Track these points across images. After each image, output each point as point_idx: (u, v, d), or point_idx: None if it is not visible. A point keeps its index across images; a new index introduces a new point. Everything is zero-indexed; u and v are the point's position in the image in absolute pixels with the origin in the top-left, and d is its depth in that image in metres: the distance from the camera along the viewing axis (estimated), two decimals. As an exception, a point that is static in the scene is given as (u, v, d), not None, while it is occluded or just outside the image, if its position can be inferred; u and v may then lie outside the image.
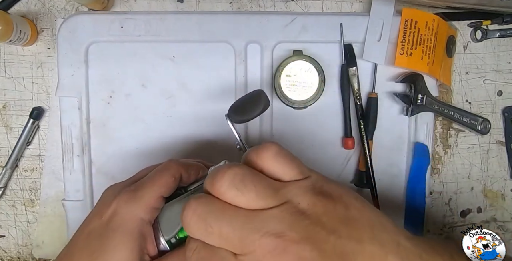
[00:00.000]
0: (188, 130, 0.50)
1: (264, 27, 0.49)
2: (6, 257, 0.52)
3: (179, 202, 0.34)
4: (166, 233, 0.33)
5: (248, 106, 0.36)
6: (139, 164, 0.49)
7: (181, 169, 0.35)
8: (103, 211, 0.32)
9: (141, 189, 0.33)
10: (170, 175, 0.34)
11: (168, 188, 0.34)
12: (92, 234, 0.32)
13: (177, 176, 0.34)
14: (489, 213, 0.57)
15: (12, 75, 0.50)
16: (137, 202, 0.32)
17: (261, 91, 0.37)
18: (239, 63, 0.49)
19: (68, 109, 0.48)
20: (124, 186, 0.35)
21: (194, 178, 0.36)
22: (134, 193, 0.33)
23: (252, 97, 0.37)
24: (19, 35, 0.45)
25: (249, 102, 0.37)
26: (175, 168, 0.35)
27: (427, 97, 0.50)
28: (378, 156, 0.52)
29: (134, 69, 0.49)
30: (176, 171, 0.34)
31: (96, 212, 0.33)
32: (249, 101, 0.37)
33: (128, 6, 0.50)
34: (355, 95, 0.50)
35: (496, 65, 0.54)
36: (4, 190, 0.51)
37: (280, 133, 0.51)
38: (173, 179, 0.34)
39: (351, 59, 0.49)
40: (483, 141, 0.55)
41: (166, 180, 0.34)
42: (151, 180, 0.34)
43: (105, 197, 0.34)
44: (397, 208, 0.53)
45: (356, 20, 0.50)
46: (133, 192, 0.33)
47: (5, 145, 0.51)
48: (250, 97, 0.37)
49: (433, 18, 0.49)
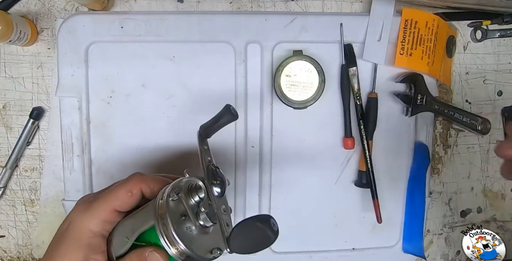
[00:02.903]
0: (187, 130, 0.50)
1: (264, 27, 0.49)
2: (6, 257, 0.52)
3: (130, 218, 0.34)
4: (116, 249, 0.33)
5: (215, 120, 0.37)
6: (139, 164, 0.50)
7: (141, 184, 0.35)
8: (64, 221, 0.34)
9: (96, 201, 0.34)
10: (126, 190, 0.34)
11: (123, 203, 0.34)
12: (53, 242, 0.34)
13: (135, 192, 0.34)
14: (489, 213, 0.57)
15: (12, 75, 0.50)
16: (90, 214, 0.33)
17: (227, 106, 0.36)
18: (239, 63, 0.49)
19: (68, 109, 0.48)
20: (90, 197, 0.36)
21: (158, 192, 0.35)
22: (89, 204, 0.34)
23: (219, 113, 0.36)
24: (19, 35, 0.45)
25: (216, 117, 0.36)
26: (133, 183, 0.35)
27: (427, 97, 0.50)
28: (378, 156, 0.52)
29: (134, 69, 0.49)
30: (134, 186, 0.34)
31: (63, 221, 0.35)
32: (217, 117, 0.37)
33: (128, 6, 0.50)
34: (355, 95, 0.50)
35: (496, 65, 0.54)
36: (4, 190, 0.51)
37: (280, 133, 0.51)
38: (129, 195, 0.34)
39: (351, 59, 0.49)
40: (483, 141, 0.55)
41: (121, 194, 0.34)
42: (107, 193, 0.34)
43: (74, 206, 0.35)
44: (397, 208, 0.53)
45: (356, 20, 0.50)
46: (89, 203, 0.34)
47: (5, 145, 0.51)
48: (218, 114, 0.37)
49: (433, 18, 0.49)
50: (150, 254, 0.32)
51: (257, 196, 0.51)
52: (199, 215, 0.32)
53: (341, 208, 0.53)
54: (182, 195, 0.33)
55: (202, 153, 0.35)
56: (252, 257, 0.52)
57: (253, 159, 0.51)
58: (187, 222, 0.32)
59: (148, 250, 0.32)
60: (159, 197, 0.33)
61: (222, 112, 0.36)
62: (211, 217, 0.32)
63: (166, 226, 0.31)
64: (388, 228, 0.53)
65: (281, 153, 0.51)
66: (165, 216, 0.31)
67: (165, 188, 0.34)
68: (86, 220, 0.33)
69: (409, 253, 0.53)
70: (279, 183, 0.52)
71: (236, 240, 0.30)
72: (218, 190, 0.33)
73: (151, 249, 0.32)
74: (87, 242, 0.32)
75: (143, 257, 0.32)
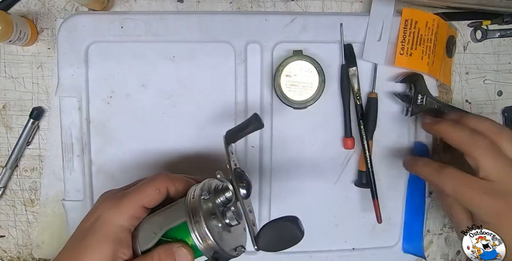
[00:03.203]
0: (188, 130, 0.50)
1: (264, 27, 0.49)
2: (6, 257, 0.52)
3: (157, 215, 0.36)
4: (142, 244, 0.34)
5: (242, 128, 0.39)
6: (139, 164, 0.50)
7: (168, 183, 0.36)
8: (90, 214, 0.35)
9: (125, 197, 0.35)
10: (154, 187, 0.36)
11: (151, 200, 0.36)
12: (78, 235, 0.35)
13: (162, 190, 0.36)
14: (489, 213, 0.56)
15: (12, 75, 0.50)
16: (119, 209, 0.34)
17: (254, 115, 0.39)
18: (239, 63, 0.49)
19: (68, 109, 0.48)
20: (115, 192, 0.37)
21: (182, 192, 0.37)
22: (118, 200, 0.35)
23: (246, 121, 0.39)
24: (19, 35, 0.45)
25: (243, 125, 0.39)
26: (161, 181, 0.36)
27: (427, 97, 0.50)
28: (378, 156, 0.52)
29: (134, 69, 0.49)
30: (161, 184, 0.36)
31: (86, 215, 0.36)
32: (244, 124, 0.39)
33: (128, 6, 0.50)
34: (355, 95, 0.50)
35: (496, 65, 0.54)
36: (4, 190, 0.51)
37: (280, 133, 0.51)
38: (157, 192, 0.36)
39: (351, 59, 0.49)
40: (483, 141, 0.55)
41: (150, 192, 0.36)
42: (136, 190, 0.36)
43: (96, 202, 0.37)
44: (397, 208, 0.53)
45: (356, 20, 0.50)
46: (118, 199, 0.35)
47: (5, 145, 0.51)
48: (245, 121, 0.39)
49: (433, 18, 0.49)
50: (178, 250, 0.33)
51: (257, 196, 0.51)
52: (226, 215, 0.34)
53: (341, 208, 0.53)
54: (211, 195, 0.35)
55: (229, 157, 0.37)
56: (252, 257, 0.52)
57: (253, 159, 0.51)
58: (215, 220, 0.34)
59: (176, 246, 0.33)
60: (190, 196, 0.35)
61: (249, 120, 0.38)
62: (237, 217, 0.34)
63: (198, 222, 0.33)
64: (388, 228, 0.53)
65: (281, 153, 0.51)
66: (198, 213, 0.33)
67: (195, 188, 0.36)
68: (115, 215, 0.34)
69: (409, 253, 0.53)
70: (279, 183, 0.52)
71: (264, 238, 0.32)
72: (244, 192, 0.35)
73: (178, 245, 0.33)
74: (116, 236, 0.33)
75: (170, 252, 0.33)
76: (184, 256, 0.33)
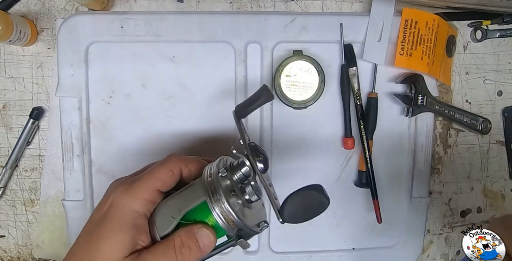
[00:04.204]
0: (188, 130, 0.50)
1: (264, 27, 0.49)
2: (6, 257, 0.52)
3: (173, 198, 0.34)
4: (160, 229, 0.33)
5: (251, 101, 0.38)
6: (139, 164, 0.49)
7: (180, 164, 0.35)
8: (103, 202, 0.33)
9: (138, 182, 0.34)
10: (167, 169, 0.34)
11: (165, 183, 0.34)
12: (92, 224, 0.33)
13: (176, 171, 0.34)
14: (489, 213, 0.57)
15: (12, 75, 0.50)
16: (132, 195, 0.33)
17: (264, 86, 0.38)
18: (239, 63, 0.49)
19: (68, 109, 0.48)
20: (125, 179, 0.35)
21: (195, 174, 0.36)
22: (130, 185, 0.33)
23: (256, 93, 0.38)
24: (19, 35, 0.45)
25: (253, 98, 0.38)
26: (174, 163, 0.35)
27: (427, 98, 0.50)
28: (378, 156, 0.52)
29: (134, 69, 0.49)
30: (174, 166, 0.35)
31: (99, 204, 0.34)
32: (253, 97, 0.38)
33: (128, 6, 0.50)
34: (355, 95, 0.50)
35: (496, 65, 0.54)
36: (4, 190, 0.51)
37: (280, 133, 0.51)
38: (171, 174, 0.34)
39: (351, 59, 0.49)
40: (483, 141, 0.55)
41: (163, 174, 0.34)
42: (148, 174, 0.34)
43: (107, 190, 0.35)
44: (397, 208, 0.53)
45: (356, 20, 0.50)
46: (130, 184, 0.33)
47: (5, 145, 0.51)
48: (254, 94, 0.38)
49: (433, 18, 0.49)
50: (200, 231, 0.32)
51: (257, 196, 0.51)
52: (245, 190, 0.33)
53: (341, 208, 0.53)
54: (228, 172, 0.34)
55: (242, 132, 0.36)
56: (252, 257, 0.52)
57: (253, 159, 0.51)
58: (235, 197, 0.33)
59: (197, 227, 0.32)
60: (206, 174, 0.34)
61: (259, 92, 0.36)
62: (257, 192, 0.33)
63: (219, 200, 0.32)
64: (388, 228, 0.53)
65: (281, 153, 0.51)
66: (217, 191, 0.32)
67: (210, 166, 0.34)
68: (130, 200, 0.32)
69: None
70: (279, 183, 0.51)
71: (289, 210, 0.31)
72: (262, 166, 0.33)
73: (200, 226, 0.32)
74: (133, 223, 0.32)
75: (191, 233, 0.32)
76: (207, 237, 0.32)
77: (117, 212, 0.32)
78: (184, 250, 0.32)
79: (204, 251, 0.32)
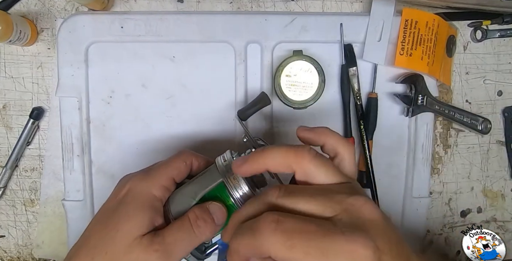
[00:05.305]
0: (188, 130, 0.50)
1: (264, 27, 0.49)
2: (6, 257, 0.52)
3: (186, 186, 0.36)
4: (175, 213, 0.35)
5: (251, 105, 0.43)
6: (139, 164, 0.49)
7: (192, 157, 0.38)
8: (118, 192, 0.35)
9: (154, 170, 0.36)
10: (181, 160, 0.37)
11: (180, 172, 0.37)
12: (107, 210, 0.35)
13: (188, 163, 0.37)
14: (489, 213, 0.56)
15: (12, 75, 0.50)
16: (150, 180, 0.35)
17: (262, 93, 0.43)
18: (239, 63, 0.49)
19: (68, 109, 0.48)
20: (138, 171, 0.37)
21: (203, 168, 0.38)
22: (147, 173, 0.36)
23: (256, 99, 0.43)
24: (19, 35, 0.45)
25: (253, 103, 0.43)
26: (186, 155, 0.38)
27: (427, 98, 0.50)
28: (378, 156, 0.52)
29: (134, 69, 0.49)
30: (188, 158, 0.37)
31: (112, 194, 0.36)
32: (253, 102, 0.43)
33: (128, 6, 0.50)
34: (355, 95, 0.50)
35: (496, 65, 0.54)
36: (4, 190, 0.51)
37: (280, 133, 0.51)
38: (184, 164, 0.37)
39: (351, 59, 0.49)
40: (483, 141, 0.55)
41: (178, 164, 0.37)
42: (164, 163, 0.37)
43: (120, 182, 0.37)
44: (397, 208, 0.53)
45: (356, 20, 0.50)
46: (147, 172, 0.36)
47: (5, 145, 0.51)
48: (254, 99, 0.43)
49: (433, 18, 0.49)
50: (211, 205, 0.34)
51: (257, 196, 0.51)
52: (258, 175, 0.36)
53: (341, 208, 0.53)
54: None
55: (247, 130, 0.40)
56: (252, 257, 0.52)
57: (253, 159, 0.51)
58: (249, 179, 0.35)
59: (208, 203, 0.34)
60: (221, 161, 0.36)
61: (258, 98, 0.42)
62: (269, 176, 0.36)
63: (236, 179, 0.34)
64: (388, 228, 0.53)
65: (281, 153, 0.51)
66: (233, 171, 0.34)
67: (222, 155, 0.37)
68: (148, 185, 0.34)
69: None
70: (279, 183, 0.52)
71: None
72: None
73: (210, 202, 0.34)
74: (152, 204, 0.34)
75: (204, 208, 0.34)
76: (219, 209, 0.34)
77: (136, 195, 0.34)
78: (200, 222, 0.33)
79: (218, 224, 0.34)
